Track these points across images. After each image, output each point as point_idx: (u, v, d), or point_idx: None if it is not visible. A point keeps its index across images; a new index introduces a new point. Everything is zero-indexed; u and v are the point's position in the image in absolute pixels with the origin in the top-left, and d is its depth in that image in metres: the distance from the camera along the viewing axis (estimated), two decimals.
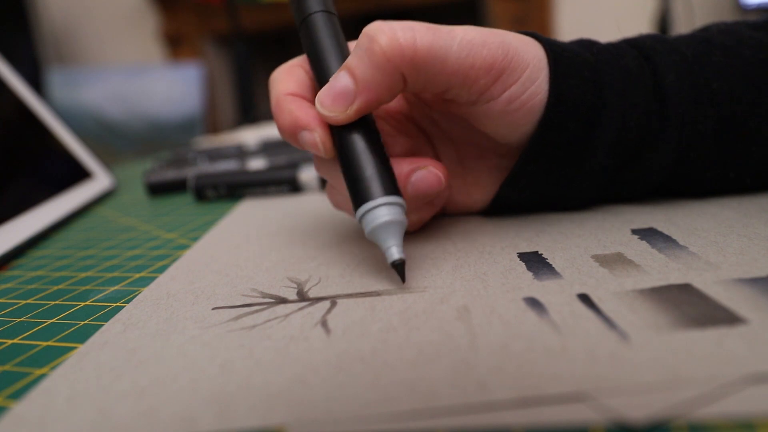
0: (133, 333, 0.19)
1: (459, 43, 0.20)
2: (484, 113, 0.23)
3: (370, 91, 0.20)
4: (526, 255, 0.22)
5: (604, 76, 0.23)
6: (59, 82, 1.46)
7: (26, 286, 0.26)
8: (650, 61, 0.24)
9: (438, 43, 0.20)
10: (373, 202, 0.20)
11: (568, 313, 0.17)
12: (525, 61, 0.21)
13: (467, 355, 0.15)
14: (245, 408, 0.14)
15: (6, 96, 0.43)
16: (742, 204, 0.24)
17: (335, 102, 0.20)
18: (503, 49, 0.21)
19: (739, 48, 0.24)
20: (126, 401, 0.15)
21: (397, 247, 0.20)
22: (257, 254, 0.26)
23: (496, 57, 0.21)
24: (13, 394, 0.16)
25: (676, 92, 0.23)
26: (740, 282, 0.17)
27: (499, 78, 0.21)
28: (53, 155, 0.44)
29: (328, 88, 0.21)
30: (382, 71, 0.20)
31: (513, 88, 0.22)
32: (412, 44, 0.20)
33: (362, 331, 0.17)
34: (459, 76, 0.21)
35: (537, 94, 0.22)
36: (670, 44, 0.25)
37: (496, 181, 0.26)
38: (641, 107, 0.23)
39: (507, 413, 0.13)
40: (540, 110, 0.22)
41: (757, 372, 0.13)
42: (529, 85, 0.22)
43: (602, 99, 0.23)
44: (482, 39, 0.21)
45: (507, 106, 0.22)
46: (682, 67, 0.24)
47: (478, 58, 0.21)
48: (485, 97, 0.22)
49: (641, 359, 0.14)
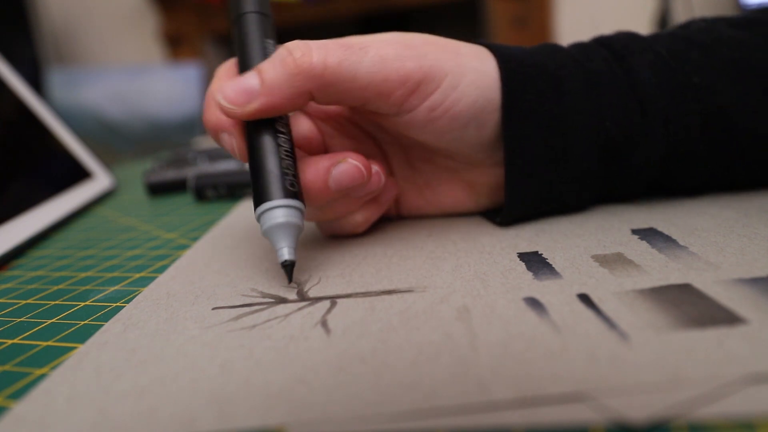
0: (133, 333, 0.19)
1: (371, 59, 0.21)
2: (408, 123, 0.23)
3: (272, 96, 0.21)
4: (526, 255, 0.22)
5: (565, 83, 0.23)
6: (59, 82, 1.46)
7: (26, 286, 0.26)
8: (624, 61, 0.24)
9: (348, 60, 0.21)
10: (270, 203, 0.20)
11: (568, 313, 0.17)
12: (443, 70, 0.22)
13: (467, 355, 0.15)
14: (245, 408, 0.14)
15: (6, 96, 0.43)
16: (742, 204, 0.24)
17: (236, 96, 0.21)
18: (418, 62, 0.21)
19: (717, 46, 0.24)
20: (126, 401, 0.15)
21: (288, 249, 0.21)
22: (257, 254, 0.26)
23: (410, 70, 0.21)
24: (13, 394, 0.16)
25: (654, 88, 0.23)
26: (740, 282, 0.17)
27: (417, 89, 0.21)
28: (53, 155, 0.44)
29: (235, 82, 0.21)
30: (289, 82, 0.20)
31: (433, 97, 0.22)
32: (323, 62, 0.20)
33: (362, 331, 0.17)
34: (372, 90, 0.21)
35: (459, 100, 0.22)
36: (645, 43, 0.25)
37: (446, 182, 0.26)
38: (617, 107, 0.23)
39: (507, 413, 0.13)
40: (466, 114, 0.22)
41: (757, 372, 0.13)
42: (450, 92, 0.22)
43: (563, 106, 0.23)
44: (396, 53, 0.21)
45: (429, 114, 0.22)
46: (658, 65, 0.24)
47: (391, 72, 0.21)
48: (405, 108, 0.22)
49: (641, 359, 0.14)
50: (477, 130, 0.23)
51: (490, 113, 0.23)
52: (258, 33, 0.23)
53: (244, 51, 0.23)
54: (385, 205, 0.26)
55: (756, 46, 0.24)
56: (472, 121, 0.23)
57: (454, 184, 0.27)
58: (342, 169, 0.22)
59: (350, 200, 0.24)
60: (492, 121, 0.23)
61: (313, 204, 0.23)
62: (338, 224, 0.25)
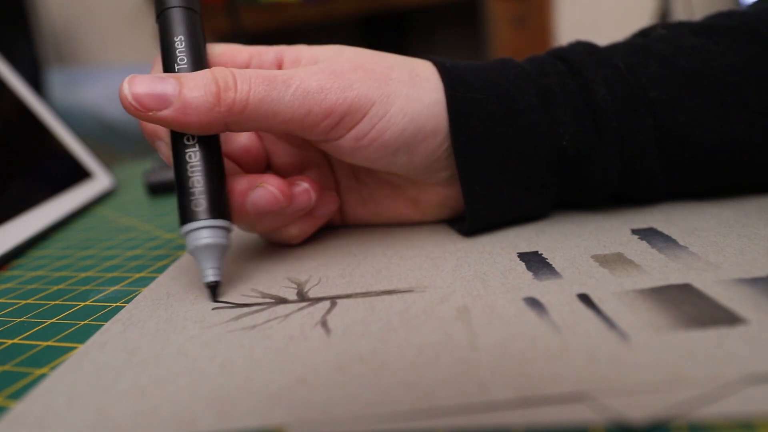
0: (133, 333, 0.19)
1: (293, 93, 0.20)
2: (335, 149, 0.23)
3: (186, 115, 0.20)
4: (526, 255, 0.22)
5: (518, 101, 0.23)
6: (59, 82, 1.46)
7: (26, 286, 0.26)
8: (579, 76, 0.24)
9: (270, 96, 0.20)
10: (196, 224, 0.20)
11: (568, 313, 0.17)
12: (369, 100, 0.21)
13: (467, 355, 0.15)
14: (245, 408, 0.14)
15: (6, 96, 0.43)
16: (742, 204, 0.24)
17: (146, 97, 0.19)
18: (342, 94, 0.21)
19: (676, 58, 0.24)
20: (126, 401, 0.15)
21: (213, 269, 0.20)
22: (257, 254, 0.26)
23: (334, 102, 0.21)
24: (13, 394, 0.16)
25: (608, 105, 0.23)
26: (740, 282, 0.17)
27: (341, 121, 0.21)
28: (53, 155, 0.44)
29: (149, 81, 0.20)
30: (208, 110, 0.20)
31: (358, 127, 0.21)
32: (245, 99, 0.20)
33: (362, 331, 0.17)
34: (295, 124, 0.21)
35: (386, 129, 0.22)
36: (602, 56, 0.24)
37: (390, 197, 0.26)
38: (572, 124, 0.23)
39: (507, 413, 0.13)
40: (395, 142, 0.22)
41: (757, 372, 0.13)
42: (376, 121, 0.21)
43: (517, 125, 0.23)
44: (319, 86, 0.21)
45: (355, 143, 0.22)
46: (614, 80, 0.23)
47: (313, 106, 0.21)
48: (331, 137, 0.22)
49: (641, 359, 0.14)
50: (408, 156, 0.23)
51: (421, 141, 0.22)
52: (183, 29, 0.22)
53: (165, 49, 0.22)
54: (321, 219, 0.26)
55: (715, 55, 0.24)
56: (401, 148, 0.22)
57: (397, 199, 0.26)
58: (258, 194, 0.22)
59: (278, 217, 0.24)
60: (425, 147, 0.23)
61: (236, 223, 0.23)
62: (272, 236, 0.25)
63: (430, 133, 0.22)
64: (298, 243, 0.26)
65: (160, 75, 0.20)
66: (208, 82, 0.20)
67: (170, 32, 0.22)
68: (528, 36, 1.49)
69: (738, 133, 0.23)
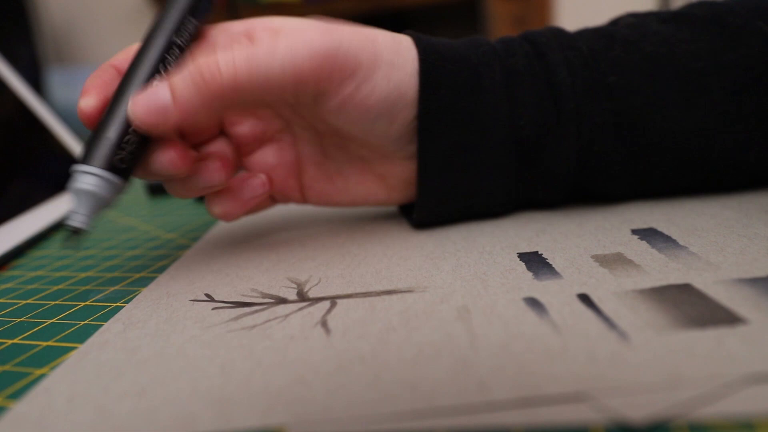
0: (133, 333, 0.19)
1: (281, 59, 0.20)
2: (323, 112, 0.23)
3: (186, 113, 0.20)
4: (526, 255, 0.22)
5: (483, 78, 0.23)
6: (59, 82, 1.46)
7: (26, 286, 0.26)
8: (543, 58, 0.24)
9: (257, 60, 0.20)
10: (86, 167, 0.20)
11: (568, 313, 0.17)
12: (357, 60, 0.21)
13: (467, 355, 0.15)
14: (245, 408, 0.14)
15: (6, 96, 0.43)
16: (742, 204, 0.24)
17: (148, 116, 0.20)
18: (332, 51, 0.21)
19: (641, 43, 0.24)
20: (126, 401, 0.15)
21: (81, 216, 0.21)
22: (257, 254, 0.26)
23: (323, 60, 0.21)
24: (13, 394, 0.16)
25: (568, 87, 0.23)
26: (740, 282, 0.17)
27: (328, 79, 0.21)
28: (53, 155, 0.44)
29: (146, 99, 0.20)
30: (202, 102, 0.20)
31: (346, 89, 0.22)
32: (232, 75, 0.20)
33: (362, 331, 0.17)
34: (288, 87, 0.21)
35: (373, 93, 0.22)
36: (566, 40, 0.25)
37: (358, 172, 0.26)
38: (531, 105, 0.23)
39: (507, 413, 0.13)
40: (377, 108, 0.22)
41: (757, 372, 0.13)
42: (362, 83, 0.22)
43: (480, 102, 0.23)
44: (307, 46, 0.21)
45: (343, 105, 0.22)
46: (575, 63, 0.24)
47: (303, 68, 0.21)
48: (320, 98, 0.22)
49: (641, 359, 0.14)
50: (387, 124, 0.23)
51: (402, 109, 0.23)
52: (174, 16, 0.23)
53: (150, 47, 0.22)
54: (250, 202, 0.25)
55: (679, 40, 0.24)
56: (383, 114, 0.23)
57: (366, 174, 0.26)
58: (159, 154, 0.22)
59: (188, 184, 0.24)
60: (403, 117, 0.23)
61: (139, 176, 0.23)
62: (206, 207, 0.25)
63: (410, 102, 0.23)
64: (229, 221, 0.26)
65: (152, 86, 0.21)
66: (193, 76, 0.20)
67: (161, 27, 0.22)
68: None
69: (697, 121, 0.24)
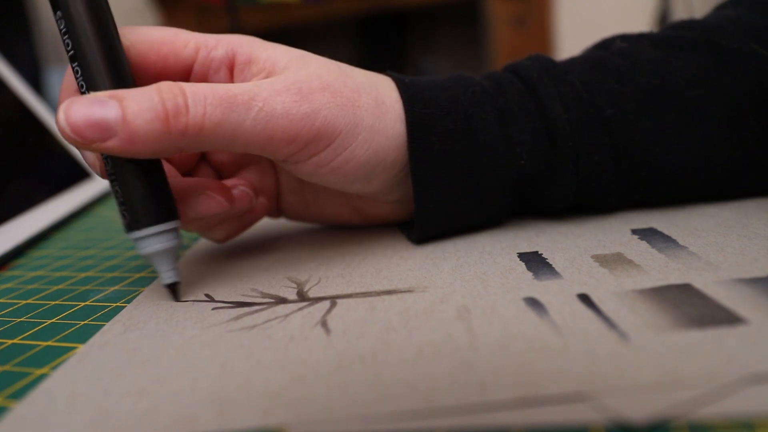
0: (133, 333, 0.19)
1: (254, 117, 0.19)
2: (293, 170, 0.22)
3: (134, 144, 0.17)
4: (526, 255, 0.22)
5: (475, 120, 0.23)
6: (59, 82, 1.46)
7: (26, 286, 0.26)
8: (536, 94, 0.23)
9: (229, 121, 0.18)
10: (144, 231, 0.19)
11: (568, 313, 0.17)
12: (336, 129, 0.20)
13: (467, 355, 0.15)
14: (245, 408, 0.14)
15: (6, 96, 0.43)
16: (742, 204, 0.24)
17: (86, 128, 0.17)
18: (309, 121, 0.20)
19: (634, 73, 0.23)
20: (126, 401, 0.15)
21: (169, 272, 0.20)
22: (257, 254, 0.26)
23: (299, 129, 0.19)
24: (13, 394, 0.16)
25: (564, 123, 0.23)
26: (740, 282, 0.17)
27: (304, 148, 0.20)
28: (53, 155, 0.44)
29: (86, 107, 0.17)
30: (157, 138, 0.18)
31: (322, 155, 0.21)
32: (200, 123, 0.18)
33: (362, 331, 0.17)
34: (256, 146, 0.19)
35: (349, 161, 0.21)
36: (558, 72, 0.24)
37: (335, 204, 0.26)
38: (528, 144, 0.23)
39: (507, 413, 0.13)
40: (355, 174, 0.22)
41: (757, 372, 0.13)
42: (341, 151, 0.21)
43: (475, 144, 0.22)
44: (284, 109, 0.19)
45: (316, 169, 0.21)
46: (569, 97, 0.23)
47: (276, 132, 0.19)
48: (292, 159, 0.21)
49: (641, 359, 0.14)
50: (365, 184, 0.22)
51: (381, 172, 0.22)
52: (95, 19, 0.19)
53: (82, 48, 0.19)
54: (248, 224, 0.25)
55: (674, 69, 0.23)
56: (360, 178, 0.22)
57: (343, 207, 0.26)
58: (201, 201, 0.21)
59: (212, 220, 0.23)
60: (382, 178, 0.22)
61: None
62: (200, 234, 0.25)
63: (389, 165, 0.22)
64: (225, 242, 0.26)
65: (98, 96, 0.17)
66: (154, 105, 0.17)
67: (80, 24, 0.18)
68: (528, 36, 1.49)
69: (697, 150, 0.23)
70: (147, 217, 0.19)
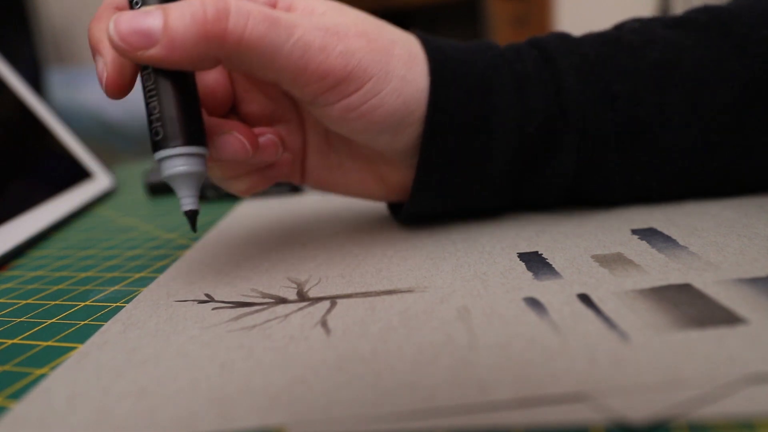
0: (133, 333, 0.19)
1: (294, 43, 0.19)
2: (320, 114, 0.22)
3: (174, 51, 0.18)
4: (526, 255, 0.22)
5: (493, 83, 0.23)
6: (59, 82, 1.46)
7: (26, 286, 0.26)
8: (551, 63, 0.24)
9: (269, 38, 0.19)
10: (172, 150, 0.19)
11: (568, 313, 0.17)
12: (368, 73, 0.20)
13: (467, 355, 0.15)
14: (245, 408, 0.14)
15: (6, 96, 0.43)
16: (742, 204, 0.24)
17: (131, 35, 0.18)
18: (343, 60, 0.20)
19: (646, 49, 0.24)
20: (126, 401, 0.15)
21: (190, 198, 0.20)
22: (257, 254, 0.26)
23: (333, 67, 0.20)
24: (13, 394, 0.16)
25: (575, 96, 0.23)
26: (740, 282, 0.17)
27: (335, 87, 0.20)
28: (53, 155, 0.44)
29: (133, 17, 0.18)
30: (196, 44, 0.18)
31: (351, 98, 0.21)
32: (240, 33, 0.18)
33: (362, 331, 0.17)
34: (288, 75, 0.20)
35: (378, 107, 0.21)
36: (574, 44, 0.24)
37: (359, 170, 0.26)
38: (541, 112, 0.23)
39: (507, 413, 0.13)
40: (383, 122, 0.21)
41: (757, 372, 0.13)
42: (369, 97, 0.21)
43: (490, 106, 0.23)
44: (322, 43, 0.19)
45: (344, 113, 0.21)
46: (582, 69, 0.23)
47: (311, 64, 0.19)
48: (319, 101, 0.21)
49: (641, 359, 0.14)
50: (391, 137, 0.22)
51: (408, 125, 0.22)
52: None
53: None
54: (272, 179, 0.25)
55: (686, 47, 0.23)
56: (388, 129, 0.22)
57: (367, 174, 0.26)
58: (225, 140, 0.21)
59: (236, 166, 0.23)
60: (408, 133, 0.22)
61: None
62: (219, 184, 0.25)
63: (418, 118, 0.22)
64: (246, 196, 0.26)
65: (145, 8, 0.19)
66: (195, 10, 0.18)
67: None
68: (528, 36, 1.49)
69: (699, 134, 0.23)
70: (178, 137, 0.19)
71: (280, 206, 0.35)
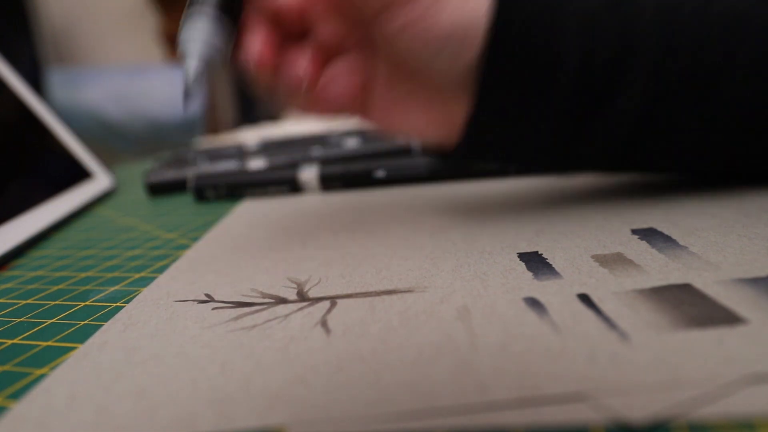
0: (133, 333, 0.19)
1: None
2: (383, 31, 0.22)
3: None
4: (526, 255, 0.22)
5: (561, 10, 0.22)
6: (59, 82, 1.46)
7: (26, 286, 0.26)
8: (626, 3, 0.23)
9: None
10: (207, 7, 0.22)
11: (568, 313, 0.17)
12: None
13: (467, 355, 0.15)
14: (245, 408, 0.14)
15: (6, 96, 0.43)
16: (742, 204, 0.24)
17: None
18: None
19: (710, 4, 0.23)
20: (126, 401, 0.15)
21: (195, 67, 0.23)
22: (257, 254, 0.26)
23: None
24: (13, 394, 0.16)
25: (646, 37, 0.22)
26: (740, 282, 0.17)
27: None
28: (53, 155, 0.44)
29: None
30: None
31: (413, 12, 0.21)
32: None
33: (362, 331, 0.17)
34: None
35: (439, 22, 0.21)
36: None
37: (423, 98, 0.25)
38: (608, 49, 0.22)
39: (507, 413, 0.12)
40: (443, 39, 0.22)
41: (757, 372, 0.13)
42: (432, 12, 0.21)
43: (556, 33, 0.22)
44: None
45: (405, 29, 0.22)
46: (658, 9, 0.23)
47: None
48: (383, 17, 0.22)
49: (641, 359, 0.14)
50: (450, 59, 0.22)
51: (468, 47, 0.22)
52: None
53: None
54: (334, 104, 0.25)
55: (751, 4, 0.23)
56: (446, 47, 0.22)
57: (430, 108, 0.25)
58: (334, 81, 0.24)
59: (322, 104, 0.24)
60: (468, 56, 0.22)
61: None
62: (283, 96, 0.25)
63: (477, 41, 0.22)
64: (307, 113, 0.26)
65: None
66: None
67: None
68: None
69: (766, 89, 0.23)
70: None
71: (280, 206, 0.35)
